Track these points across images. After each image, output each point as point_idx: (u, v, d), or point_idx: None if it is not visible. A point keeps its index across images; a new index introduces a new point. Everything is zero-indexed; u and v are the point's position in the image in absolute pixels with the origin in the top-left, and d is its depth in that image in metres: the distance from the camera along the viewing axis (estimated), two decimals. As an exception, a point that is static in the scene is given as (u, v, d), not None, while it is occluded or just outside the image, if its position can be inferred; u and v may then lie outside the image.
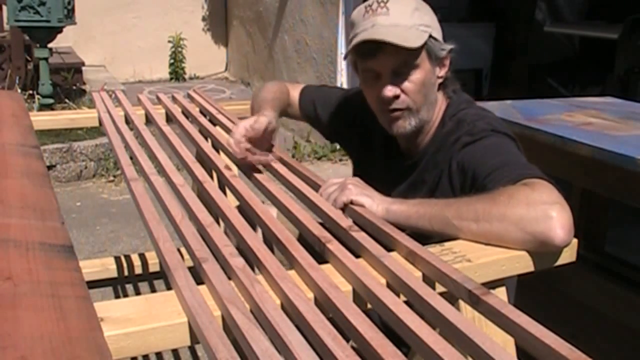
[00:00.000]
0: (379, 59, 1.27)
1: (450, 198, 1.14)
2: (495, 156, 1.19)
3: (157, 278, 2.40)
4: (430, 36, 1.28)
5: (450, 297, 0.89)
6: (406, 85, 1.28)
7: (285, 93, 1.64)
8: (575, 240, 1.06)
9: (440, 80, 1.35)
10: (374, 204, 1.14)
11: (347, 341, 0.75)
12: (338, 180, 1.24)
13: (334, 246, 1.00)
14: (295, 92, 1.68)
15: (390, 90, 1.27)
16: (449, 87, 1.38)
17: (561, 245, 0.99)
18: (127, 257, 2.33)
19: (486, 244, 1.04)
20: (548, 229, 0.98)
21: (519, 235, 1.01)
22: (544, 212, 0.99)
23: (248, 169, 1.40)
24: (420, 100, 1.29)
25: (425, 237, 1.07)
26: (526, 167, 1.15)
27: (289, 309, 0.84)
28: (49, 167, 3.82)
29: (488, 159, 1.18)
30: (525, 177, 1.09)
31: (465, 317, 0.84)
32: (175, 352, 2.10)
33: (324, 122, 1.64)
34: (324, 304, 0.86)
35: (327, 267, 0.97)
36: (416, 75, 1.28)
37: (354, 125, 1.54)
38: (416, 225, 1.09)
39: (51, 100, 4.27)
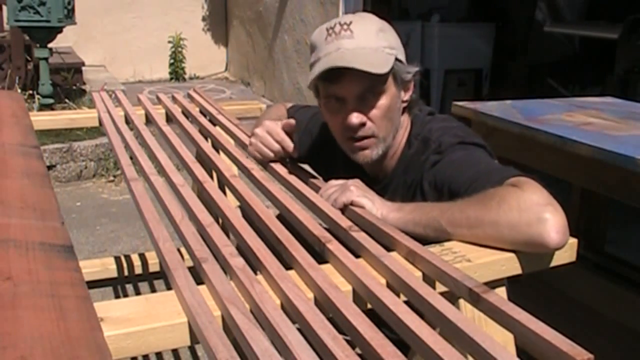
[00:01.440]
0: (344, 84, 1.22)
1: (445, 203, 1.12)
2: (468, 168, 1.16)
3: (157, 278, 2.40)
4: (396, 59, 1.25)
5: (451, 297, 0.89)
6: (372, 111, 1.24)
7: (278, 114, 1.62)
8: (575, 240, 1.06)
9: (404, 105, 1.32)
10: (374, 207, 1.14)
11: (353, 348, 0.75)
12: (339, 182, 1.23)
13: (334, 246, 1.00)
14: (285, 112, 1.65)
15: (356, 118, 1.23)
16: (413, 108, 1.35)
17: (556, 248, 0.99)
18: (127, 257, 2.33)
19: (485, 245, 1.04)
20: (542, 233, 0.97)
21: (513, 239, 1.00)
22: (536, 215, 0.98)
23: (246, 170, 1.41)
24: (386, 126, 1.26)
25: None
26: (504, 170, 1.13)
27: (289, 309, 0.84)
28: (49, 167, 3.82)
29: (461, 173, 1.16)
30: (509, 177, 1.08)
31: (465, 316, 0.84)
32: (175, 352, 2.10)
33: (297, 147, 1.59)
34: (324, 304, 0.86)
35: (327, 267, 0.97)
36: (382, 101, 1.24)
37: (318, 148, 1.48)
38: (412, 232, 1.08)
39: (51, 100, 4.27)
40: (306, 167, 1.46)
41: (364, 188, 1.19)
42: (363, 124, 1.24)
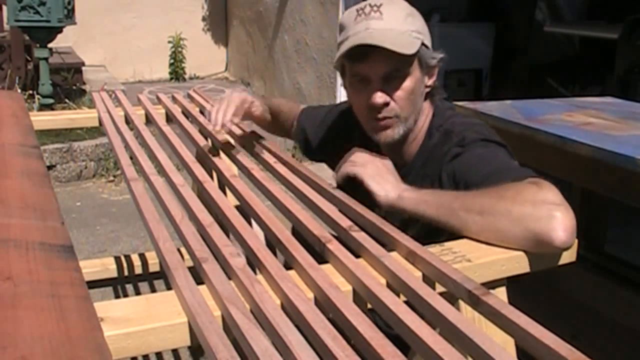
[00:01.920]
0: (370, 63, 1.24)
1: (460, 191, 1.14)
2: (487, 165, 1.18)
3: (157, 278, 2.40)
4: (423, 44, 1.27)
5: (451, 297, 0.89)
6: (396, 92, 1.25)
7: (288, 105, 1.66)
8: (575, 240, 1.06)
9: (427, 90, 1.33)
10: (383, 191, 1.15)
11: (349, 342, 0.75)
12: (367, 155, 1.23)
13: (334, 246, 1.00)
14: (297, 110, 1.68)
15: (380, 97, 1.25)
16: (435, 96, 1.36)
17: (561, 247, 0.99)
18: (127, 257, 2.33)
19: (486, 243, 1.04)
20: (550, 229, 0.97)
21: (521, 232, 1.00)
22: (548, 212, 0.99)
23: (246, 169, 1.41)
24: (409, 108, 1.28)
25: (426, 236, 1.07)
26: (521, 170, 1.15)
27: (289, 309, 0.84)
28: (49, 167, 3.82)
29: (480, 168, 1.18)
30: (525, 177, 1.09)
31: (465, 317, 0.84)
32: (175, 352, 2.10)
33: (310, 144, 1.61)
34: (324, 304, 0.86)
35: (327, 267, 0.97)
36: (407, 83, 1.26)
37: (335, 139, 1.49)
38: (423, 214, 1.10)
39: (51, 100, 4.27)
40: (306, 167, 1.46)
41: (383, 171, 1.20)
42: (387, 104, 1.26)
